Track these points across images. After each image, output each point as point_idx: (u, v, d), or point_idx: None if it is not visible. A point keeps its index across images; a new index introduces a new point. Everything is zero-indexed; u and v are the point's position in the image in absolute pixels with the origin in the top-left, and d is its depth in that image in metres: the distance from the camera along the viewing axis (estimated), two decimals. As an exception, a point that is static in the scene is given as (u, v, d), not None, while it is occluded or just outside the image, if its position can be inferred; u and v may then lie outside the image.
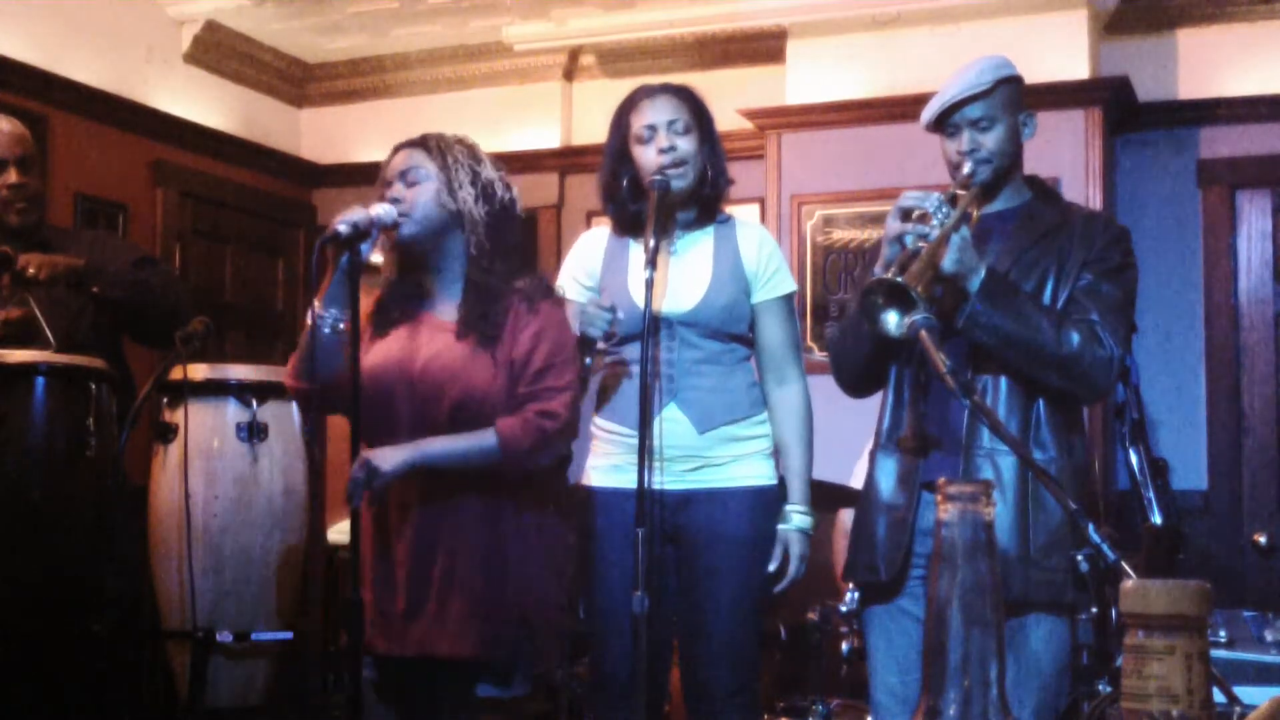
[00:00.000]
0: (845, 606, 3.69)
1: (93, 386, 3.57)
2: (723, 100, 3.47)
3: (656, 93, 3.07)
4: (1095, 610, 2.99)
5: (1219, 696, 1.95)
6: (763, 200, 5.69)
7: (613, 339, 3.03)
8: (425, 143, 2.88)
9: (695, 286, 3.03)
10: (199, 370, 3.77)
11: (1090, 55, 5.30)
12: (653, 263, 2.82)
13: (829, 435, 3.32)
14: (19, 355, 3.53)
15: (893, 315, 2.43)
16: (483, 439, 2.72)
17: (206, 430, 3.76)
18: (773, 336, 3.08)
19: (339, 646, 4.39)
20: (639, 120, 3.04)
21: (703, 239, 3.09)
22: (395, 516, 2.81)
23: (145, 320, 3.86)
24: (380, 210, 2.75)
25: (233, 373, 3.86)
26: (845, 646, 3.70)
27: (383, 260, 2.94)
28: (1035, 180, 2.87)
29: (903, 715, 2.73)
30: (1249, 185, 5.45)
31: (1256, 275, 5.45)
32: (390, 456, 2.70)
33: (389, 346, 2.85)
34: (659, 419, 2.94)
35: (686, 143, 3.02)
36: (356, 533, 2.68)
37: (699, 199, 3.08)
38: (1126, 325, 2.72)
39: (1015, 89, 2.76)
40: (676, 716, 3.43)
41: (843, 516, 4.01)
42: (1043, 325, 2.59)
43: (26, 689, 3.43)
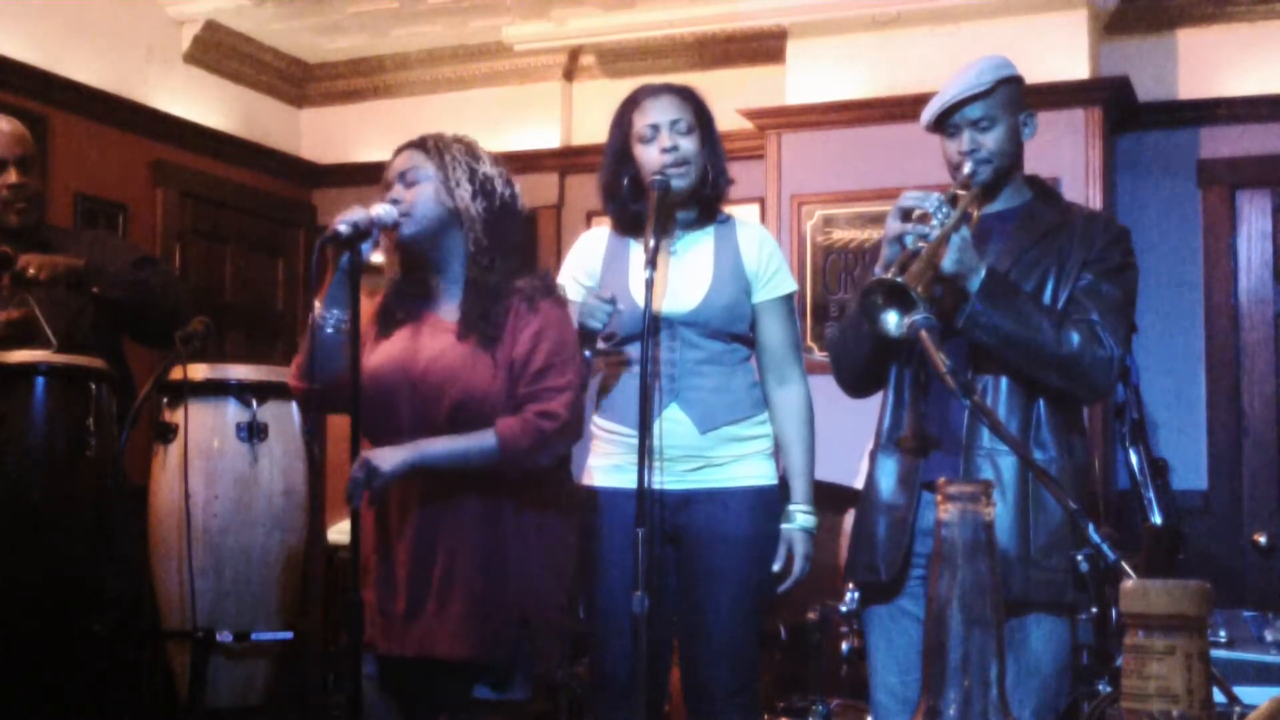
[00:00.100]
0: (845, 606, 3.68)
1: (93, 386, 3.57)
2: (723, 100, 3.47)
3: (660, 92, 3.07)
4: (1095, 610, 2.99)
5: (1219, 696, 1.95)
6: (763, 200, 5.69)
7: (613, 339, 3.03)
8: (424, 143, 2.89)
9: (696, 286, 3.03)
10: (199, 370, 3.77)
11: (1090, 55, 5.30)
12: (653, 262, 2.82)
13: (830, 435, 3.31)
14: (19, 355, 3.53)
15: (893, 315, 2.43)
16: (482, 439, 2.72)
17: (206, 430, 3.76)
18: (773, 336, 3.08)
19: (339, 646, 4.39)
20: (642, 119, 3.04)
21: (703, 239, 3.09)
22: (395, 517, 2.81)
23: (145, 320, 3.86)
24: (380, 210, 2.76)
25: (233, 373, 3.86)
26: (845, 646, 3.70)
27: (385, 261, 2.95)
28: (1035, 180, 2.87)
29: (903, 715, 2.73)
30: (1249, 185, 5.45)
31: (1256, 275, 5.45)
32: (390, 457, 2.70)
33: (392, 347, 2.85)
34: (661, 419, 2.94)
35: (689, 143, 3.02)
36: (356, 533, 2.69)
37: (699, 199, 3.08)
38: (1126, 325, 2.72)
39: (1015, 89, 2.76)
40: (676, 716, 3.43)
41: (849, 518, 4.00)
42: (1043, 325, 2.59)
43: (26, 689, 3.43)
